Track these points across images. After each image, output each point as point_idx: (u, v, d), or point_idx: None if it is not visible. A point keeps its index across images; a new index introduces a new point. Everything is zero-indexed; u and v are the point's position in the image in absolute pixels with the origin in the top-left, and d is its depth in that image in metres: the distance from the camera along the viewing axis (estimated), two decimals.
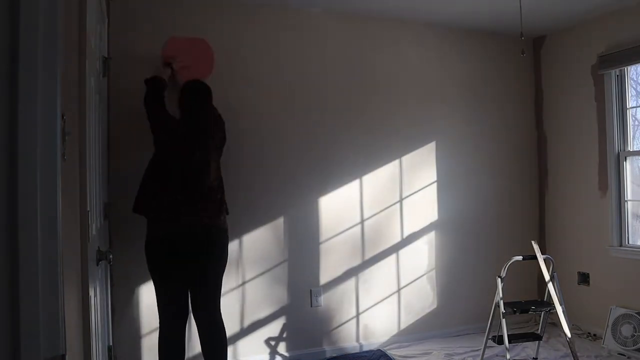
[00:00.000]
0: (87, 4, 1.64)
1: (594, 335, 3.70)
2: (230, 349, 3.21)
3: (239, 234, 3.26)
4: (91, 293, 1.67)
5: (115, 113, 2.94)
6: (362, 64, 3.63)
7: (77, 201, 1.50)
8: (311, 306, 3.45)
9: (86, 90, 1.60)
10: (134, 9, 3.05)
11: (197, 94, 2.74)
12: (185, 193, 2.55)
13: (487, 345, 3.17)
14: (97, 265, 1.89)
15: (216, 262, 2.66)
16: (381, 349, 3.56)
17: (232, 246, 3.25)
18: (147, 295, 3.04)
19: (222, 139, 2.81)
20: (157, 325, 3.02)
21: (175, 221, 2.53)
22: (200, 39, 3.15)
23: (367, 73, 3.64)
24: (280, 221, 3.38)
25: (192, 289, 2.66)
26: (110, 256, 2.01)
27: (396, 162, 3.72)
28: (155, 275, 2.62)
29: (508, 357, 2.97)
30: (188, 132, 2.62)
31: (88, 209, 1.62)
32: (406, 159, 3.75)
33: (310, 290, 3.45)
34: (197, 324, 2.69)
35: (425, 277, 3.80)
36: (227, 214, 2.79)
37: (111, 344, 2.60)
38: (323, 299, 3.48)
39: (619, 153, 3.63)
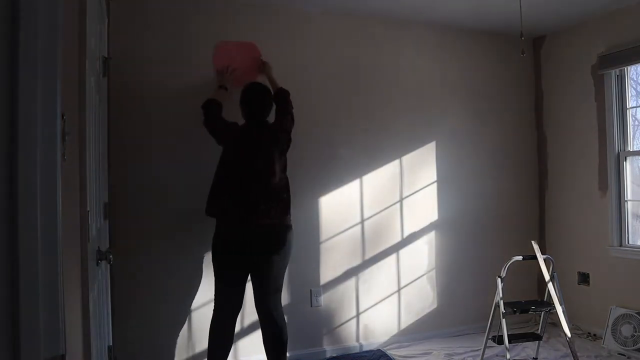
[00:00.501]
0: (87, 4, 1.64)
1: (594, 335, 3.70)
2: (232, 347, 3.21)
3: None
4: (91, 293, 1.67)
5: (115, 113, 2.94)
6: (361, 64, 3.62)
7: (77, 201, 1.50)
8: (311, 306, 3.45)
9: (86, 90, 1.60)
10: (134, 9, 3.05)
11: (257, 97, 2.82)
12: (251, 194, 2.67)
13: (487, 345, 3.17)
14: (97, 265, 1.89)
15: (280, 259, 2.75)
16: (381, 349, 3.56)
17: None
18: (147, 295, 3.04)
19: (287, 140, 2.87)
20: (157, 325, 3.04)
21: (242, 221, 2.66)
22: (249, 42, 3.21)
23: (367, 73, 3.64)
24: None
25: (257, 285, 2.76)
26: (110, 256, 2.01)
27: (396, 162, 3.72)
28: (215, 268, 2.76)
29: (508, 357, 2.97)
30: (251, 136, 2.73)
31: (88, 209, 1.62)
32: (406, 158, 3.75)
33: (310, 290, 3.45)
34: (260, 318, 2.80)
35: (425, 277, 3.81)
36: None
37: (111, 344, 2.60)
38: (323, 299, 3.48)
39: (619, 153, 3.63)
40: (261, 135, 2.75)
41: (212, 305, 3.20)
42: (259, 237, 2.69)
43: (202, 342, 3.15)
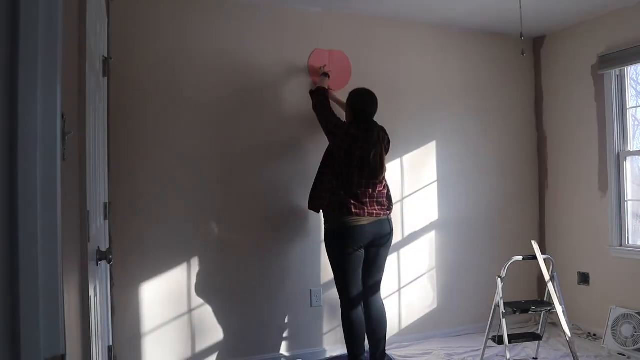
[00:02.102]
0: (87, 4, 1.64)
1: (594, 335, 3.70)
2: (232, 347, 3.22)
3: (242, 231, 3.26)
4: (91, 293, 1.67)
5: (115, 113, 2.94)
6: (361, 64, 3.62)
7: (77, 201, 1.50)
8: (311, 306, 3.45)
9: (86, 90, 1.60)
10: (134, 9, 3.05)
11: (370, 100, 2.99)
12: (362, 189, 2.85)
13: (487, 345, 3.17)
14: (97, 265, 1.89)
15: (387, 250, 3.00)
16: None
17: (236, 243, 3.26)
18: (147, 295, 3.04)
19: (388, 141, 3.05)
20: (157, 324, 3.04)
21: (354, 214, 2.81)
22: (339, 51, 3.52)
23: (367, 73, 3.64)
24: (281, 220, 3.38)
25: (369, 274, 2.96)
26: (110, 256, 2.01)
27: (397, 162, 3.72)
28: (338, 262, 2.92)
29: (508, 357, 2.97)
30: (364, 134, 2.88)
31: (88, 209, 1.62)
32: (407, 158, 3.75)
33: (310, 291, 3.45)
34: (367, 304, 2.97)
35: (425, 276, 3.80)
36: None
37: (111, 344, 2.60)
38: (323, 299, 3.48)
39: (619, 153, 3.63)
40: (374, 135, 2.90)
41: (212, 306, 3.21)
42: (373, 229, 2.87)
43: (202, 342, 3.16)
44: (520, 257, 3.18)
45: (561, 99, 4.05)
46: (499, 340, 3.06)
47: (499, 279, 3.09)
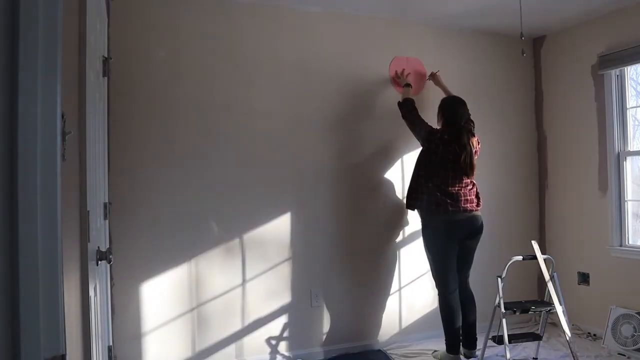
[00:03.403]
0: (87, 4, 1.64)
1: (594, 335, 3.70)
2: (232, 347, 3.22)
3: (241, 232, 3.27)
4: (91, 293, 1.68)
5: (115, 113, 2.94)
6: (361, 64, 3.62)
7: (77, 201, 1.50)
8: (311, 306, 3.45)
9: (86, 90, 1.60)
10: (134, 9, 3.05)
11: (459, 107, 3.29)
12: (455, 188, 3.17)
13: (487, 345, 3.17)
14: (97, 265, 1.89)
15: (477, 243, 3.31)
16: (381, 349, 3.56)
17: (236, 243, 3.26)
18: (147, 295, 3.04)
19: (477, 142, 3.30)
20: (157, 324, 3.06)
21: (451, 212, 3.13)
22: (416, 59, 3.75)
23: (367, 73, 3.64)
24: (282, 219, 3.38)
25: (462, 264, 3.27)
26: (110, 256, 2.01)
27: (397, 162, 3.72)
28: (436, 256, 3.23)
29: (508, 357, 2.97)
30: (455, 139, 3.16)
31: (88, 209, 1.62)
32: (407, 158, 3.75)
33: (310, 291, 3.45)
34: (461, 290, 3.30)
35: (426, 276, 3.80)
36: None
37: (111, 343, 2.60)
38: (323, 299, 3.48)
39: (619, 153, 3.63)
40: (464, 139, 3.17)
41: (211, 306, 3.22)
42: (468, 223, 3.19)
43: (203, 342, 3.16)
44: (520, 257, 3.18)
45: (561, 99, 4.05)
46: (499, 340, 3.06)
47: (499, 279, 3.09)
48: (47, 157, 0.84)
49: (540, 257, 3.17)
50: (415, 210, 3.36)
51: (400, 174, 3.73)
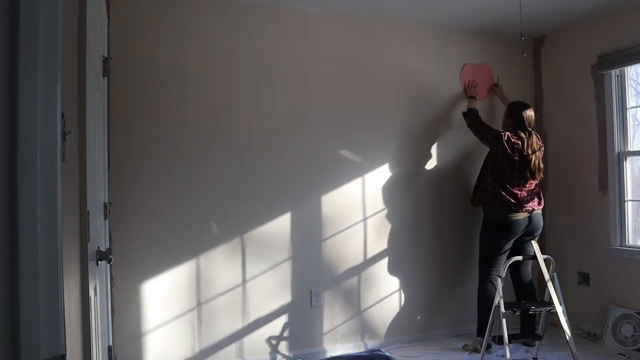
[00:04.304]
0: (87, 4, 1.64)
1: (594, 335, 3.69)
2: (232, 347, 3.22)
3: (241, 232, 3.27)
4: (91, 293, 1.68)
5: (115, 113, 2.94)
6: (361, 64, 3.62)
7: (77, 201, 1.50)
8: (311, 306, 3.45)
9: (86, 90, 1.60)
10: (134, 9, 3.05)
11: (527, 112, 3.49)
12: (520, 189, 3.40)
13: (487, 345, 3.17)
14: (97, 265, 1.89)
15: (536, 240, 3.48)
16: (381, 349, 3.56)
17: (237, 243, 3.26)
18: (147, 294, 3.04)
19: (541, 146, 3.52)
20: (158, 324, 3.07)
21: (512, 210, 3.36)
22: (485, 66, 3.97)
23: (367, 73, 3.64)
24: (282, 219, 3.38)
25: (519, 262, 3.40)
26: (110, 256, 2.01)
27: (398, 161, 3.72)
28: (488, 247, 3.49)
29: (508, 357, 2.97)
30: (523, 142, 3.38)
31: (88, 209, 1.62)
32: (407, 157, 3.75)
33: (310, 290, 3.45)
34: (520, 281, 3.57)
35: (425, 276, 3.80)
36: None
37: (111, 343, 2.60)
38: (324, 299, 3.48)
39: (619, 153, 3.63)
40: (531, 142, 3.40)
41: (212, 306, 3.22)
42: (527, 222, 3.39)
43: (203, 341, 3.16)
44: (520, 257, 3.19)
45: (561, 99, 4.05)
46: (499, 340, 3.06)
47: (499, 279, 3.09)
48: (47, 157, 0.84)
49: (540, 257, 3.17)
50: (479, 206, 3.58)
51: (398, 172, 3.73)
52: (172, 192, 3.11)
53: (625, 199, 3.61)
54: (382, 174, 3.67)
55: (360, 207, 3.60)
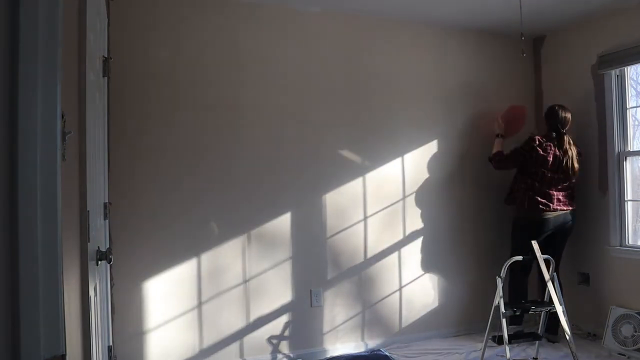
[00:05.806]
0: (87, 4, 1.64)
1: (594, 335, 3.69)
2: (234, 346, 3.23)
3: (242, 231, 3.27)
4: (91, 293, 1.68)
5: (115, 113, 2.94)
6: (362, 64, 3.62)
7: (77, 201, 1.50)
8: (311, 306, 3.45)
9: (86, 90, 1.60)
10: (134, 9, 3.05)
11: (562, 115, 3.60)
12: (552, 189, 3.54)
13: (487, 345, 3.17)
14: (97, 265, 1.89)
15: (567, 237, 3.67)
16: (381, 349, 3.56)
17: (237, 243, 3.26)
18: (148, 294, 3.04)
19: (576, 146, 3.63)
20: (158, 324, 3.08)
21: (542, 210, 3.50)
22: (522, 107, 3.99)
23: (367, 73, 3.64)
24: (282, 219, 3.38)
25: (551, 253, 3.42)
26: (110, 256, 2.01)
27: (398, 162, 3.72)
28: (518, 242, 3.60)
29: (508, 357, 2.97)
30: (557, 144, 3.53)
31: (88, 209, 1.62)
32: (408, 157, 3.75)
33: (310, 290, 3.45)
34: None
35: (426, 276, 3.80)
36: None
37: (111, 343, 2.60)
38: (324, 298, 3.48)
39: (619, 153, 3.62)
40: (564, 144, 3.53)
41: (211, 306, 3.22)
42: (557, 221, 3.54)
43: (204, 341, 3.16)
44: (520, 257, 3.19)
45: (561, 99, 4.04)
46: (499, 340, 3.06)
47: (499, 279, 3.09)
48: (47, 157, 0.84)
49: (540, 257, 3.17)
50: (512, 205, 3.71)
51: (400, 170, 3.73)
52: (172, 192, 3.11)
53: (625, 199, 3.61)
54: (382, 174, 3.67)
55: (360, 207, 3.61)
